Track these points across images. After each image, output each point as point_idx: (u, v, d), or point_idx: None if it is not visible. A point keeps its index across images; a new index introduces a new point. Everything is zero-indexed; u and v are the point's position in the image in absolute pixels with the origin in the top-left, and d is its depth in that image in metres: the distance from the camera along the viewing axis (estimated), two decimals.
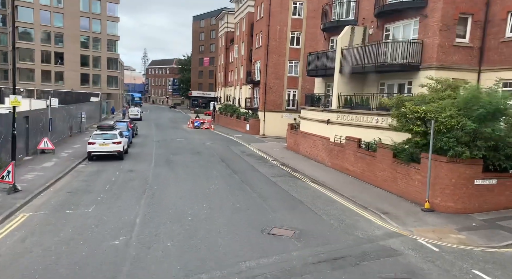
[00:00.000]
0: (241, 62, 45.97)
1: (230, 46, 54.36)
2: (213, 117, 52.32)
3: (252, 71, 39.17)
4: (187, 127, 44.64)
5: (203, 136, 34.49)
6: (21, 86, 53.88)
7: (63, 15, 58.90)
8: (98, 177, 16.18)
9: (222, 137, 35.29)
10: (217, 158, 22.42)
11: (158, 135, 34.36)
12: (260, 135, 36.38)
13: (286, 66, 36.56)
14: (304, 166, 20.56)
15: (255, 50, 39.36)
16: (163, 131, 38.68)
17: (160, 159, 21.16)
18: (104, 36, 63.32)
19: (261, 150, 26.51)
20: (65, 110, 26.42)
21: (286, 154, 24.80)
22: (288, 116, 37.04)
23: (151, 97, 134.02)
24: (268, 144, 30.04)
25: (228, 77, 55.96)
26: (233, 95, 50.50)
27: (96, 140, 19.56)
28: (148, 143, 28.51)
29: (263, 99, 36.50)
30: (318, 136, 21.65)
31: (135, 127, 32.68)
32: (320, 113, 21.53)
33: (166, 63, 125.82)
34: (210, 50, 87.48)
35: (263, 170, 19.28)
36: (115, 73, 66.53)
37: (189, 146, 27.51)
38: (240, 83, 46.35)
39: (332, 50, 20.99)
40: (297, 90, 37.14)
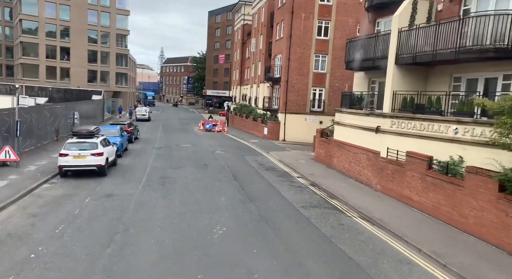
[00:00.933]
0: (258, 57, 40.97)
1: (247, 40, 49.42)
2: (227, 119, 47.53)
3: (272, 67, 34.12)
4: (198, 129, 39.96)
5: (214, 142, 29.64)
6: (25, 82, 50.44)
7: (70, 8, 55.22)
8: (57, 207, 11.43)
9: (235, 143, 30.35)
10: (228, 174, 17.46)
11: (162, 140, 29.70)
12: (280, 141, 31.28)
13: (311, 60, 31.33)
14: (344, 188, 15.37)
15: (275, 42, 34.28)
16: (170, 134, 34.04)
17: (154, 176, 16.35)
18: (113, 31, 59.42)
19: (283, 161, 21.43)
20: (48, 110, 22.00)
21: (315, 168, 19.64)
22: (313, 119, 31.85)
23: (165, 96, 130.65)
24: (290, 153, 24.90)
25: (244, 75, 51.07)
26: (249, 94, 45.56)
27: (70, 150, 14.89)
28: (147, 150, 23.83)
29: (284, 99, 31.40)
30: (361, 149, 16.42)
31: (135, 130, 28.12)
32: (364, 118, 16.29)
33: (181, 61, 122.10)
34: (226, 46, 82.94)
35: (289, 195, 14.20)
36: (125, 70, 62.60)
37: (196, 155, 22.67)
38: (257, 81, 41.36)
39: (384, 33, 15.69)
40: (324, 88, 31.86)
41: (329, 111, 31.84)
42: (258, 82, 41.00)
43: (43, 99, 29.94)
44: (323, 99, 31.89)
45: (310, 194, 14.73)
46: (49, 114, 21.91)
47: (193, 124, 45.32)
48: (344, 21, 30.90)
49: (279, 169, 19.55)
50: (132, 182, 14.99)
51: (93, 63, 58.54)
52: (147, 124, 43.68)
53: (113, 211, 11.19)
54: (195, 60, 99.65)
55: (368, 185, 15.73)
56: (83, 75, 57.53)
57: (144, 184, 14.81)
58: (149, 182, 15.21)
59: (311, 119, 31.88)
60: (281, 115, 31.90)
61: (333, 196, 14.33)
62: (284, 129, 31.73)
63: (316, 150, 21.96)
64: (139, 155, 21.81)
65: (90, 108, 35.18)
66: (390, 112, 14.67)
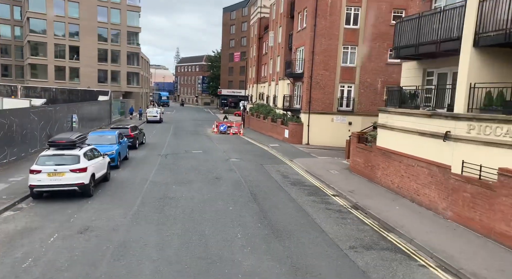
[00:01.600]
0: (277, 52, 37.27)
1: (264, 34, 45.78)
2: (242, 120, 44.05)
3: (293, 62, 30.37)
4: (212, 132, 36.62)
5: (229, 146, 26.15)
6: (33, 83, 48.37)
7: (79, 5, 52.88)
8: (2, 256, 8.07)
9: (253, 147, 26.76)
10: (245, 192, 13.88)
11: (170, 145, 26.40)
12: (303, 145, 27.51)
13: (339, 53, 27.42)
14: (399, 214, 11.55)
15: (297, 34, 30.51)
16: (180, 138, 30.76)
17: (153, 196, 12.92)
18: (124, 28, 56.85)
19: (311, 172, 17.71)
20: (37, 113, 18.94)
21: (353, 182, 15.85)
22: (341, 120, 27.95)
23: (180, 96, 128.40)
24: (318, 160, 21.13)
25: (261, 72, 47.45)
26: (267, 93, 41.90)
27: (44, 165, 11.62)
28: (151, 158, 20.51)
29: (308, 98, 27.61)
30: (419, 160, 12.55)
31: (140, 135, 24.93)
32: (424, 120, 12.41)
33: (196, 60, 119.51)
34: (241, 44, 79.55)
35: (328, 226, 10.50)
36: (136, 69, 59.98)
37: (207, 164, 19.19)
38: (276, 78, 37.67)
39: (451, 7, 11.72)
40: (354, 85, 27.89)
41: (359, 111, 27.93)
42: (276, 79, 37.31)
43: (40, 101, 27.14)
44: (352, 97, 27.93)
45: (356, 223, 10.97)
46: (38, 118, 18.85)
47: (207, 126, 42.04)
48: (377, 7, 26.86)
49: (308, 183, 15.84)
50: (122, 206, 11.58)
51: (104, 63, 56.12)
52: (158, 126, 40.65)
53: (81, 261, 7.75)
54: (210, 59, 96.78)
55: (431, 209, 11.85)
56: (93, 75, 55.18)
57: (136, 209, 11.38)
58: (144, 206, 11.77)
59: (338, 120, 27.99)
60: (304, 116, 28.13)
61: (389, 227, 10.53)
62: (307, 131, 27.94)
63: (352, 158, 18.11)
64: (140, 165, 18.49)
65: (95, 110, 32.31)
66: (466, 112, 10.75)
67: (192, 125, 43.48)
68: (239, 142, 30.01)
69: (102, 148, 16.68)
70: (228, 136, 33.92)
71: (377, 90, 27.97)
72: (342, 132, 27.73)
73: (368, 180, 16.04)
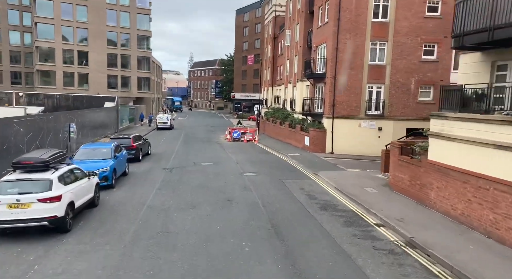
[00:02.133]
0: (294, 52, 34.36)
1: (280, 34, 42.97)
2: (257, 125, 41.23)
3: (313, 61, 27.37)
4: (224, 139, 33.92)
5: (243, 156, 23.31)
6: (41, 90, 46.86)
7: (87, 8, 51.29)
8: None
9: (270, 157, 23.82)
10: (263, 221, 10.95)
11: (179, 155, 23.74)
12: (327, 154, 24.43)
13: (366, 50, 24.30)
14: (479, 258, 8.41)
15: (317, 30, 27.54)
16: (190, 147, 28.09)
17: (147, 229, 10.14)
18: (134, 32, 55.00)
19: (342, 189, 14.66)
20: (24, 124, 16.50)
21: (398, 204, 12.73)
22: (369, 125, 24.77)
23: (194, 101, 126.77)
24: (348, 174, 18.03)
25: (276, 74, 44.60)
26: (284, 96, 38.99)
27: (4, 194, 8.99)
28: (154, 173, 17.82)
29: (331, 100, 24.55)
30: (497, 182, 9.38)
31: (144, 145, 22.36)
32: (503, 128, 9.24)
33: (209, 64, 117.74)
34: (254, 46, 77.00)
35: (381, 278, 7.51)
36: (147, 74, 58.02)
37: (217, 180, 16.35)
38: (293, 80, 34.73)
39: None
40: (383, 85, 24.69)
41: (390, 115, 24.70)
42: (294, 81, 34.35)
43: (37, 109, 24.95)
44: (382, 99, 24.71)
45: (420, 274, 7.88)
46: (24, 129, 16.42)
47: (219, 133, 39.38)
48: None
49: (341, 207, 12.79)
50: (105, 248, 8.82)
51: (113, 68, 54.33)
52: (167, 133, 38.22)
53: None
54: (223, 63, 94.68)
55: None
56: (103, 81, 53.42)
57: (122, 252, 8.58)
58: (133, 246, 8.97)
59: (366, 125, 24.80)
60: (327, 121, 25.06)
61: None
62: (331, 138, 24.85)
63: (392, 172, 14.96)
64: (140, 182, 15.80)
65: (100, 118, 30.03)
66: None
67: (204, 132, 40.90)
68: (254, 150, 27.14)
69: (94, 164, 14.16)
70: (242, 144, 31.11)
71: (410, 91, 24.68)
72: (371, 139, 24.58)
73: (417, 202, 12.88)
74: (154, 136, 35.81)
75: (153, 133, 38.92)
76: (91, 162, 14.51)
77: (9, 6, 54.95)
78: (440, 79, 24.49)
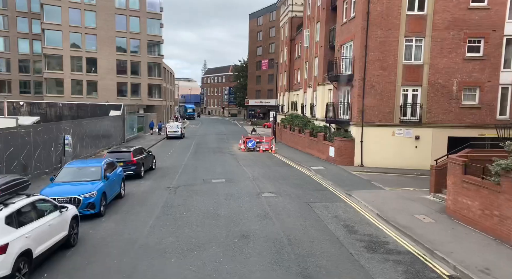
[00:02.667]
0: (314, 53, 31.38)
1: (297, 35, 40.14)
2: (273, 133, 38.27)
3: (337, 62, 24.33)
4: (238, 148, 31.14)
5: (260, 171, 20.34)
6: (49, 99, 45.21)
7: (96, 14, 49.65)
8: None
9: (290, 171, 20.75)
10: (293, 274, 7.92)
11: (187, 169, 20.95)
12: (356, 167, 21.26)
13: (400, 47, 21.16)
14: None
15: (342, 27, 24.52)
16: (200, 159, 25.31)
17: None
18: (144, 37, 53.09)
19: (388, 219, 11.49)
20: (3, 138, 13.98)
21: (470, 241, 9.51)
22: (404, 134, 21.53)
23: (207, 108, 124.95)
24: (388, 195, 14.80)
25: (293, 78, 41.69)
26: (302, 101, 35.96)
27: None
28: (155, 195, 15.00)
29: (359, 106, 21.43)
30: None
31: (148, 158, 19.65)
32: None
33: (222, 70, 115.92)
34: (269, 50, 74.45)
35: None
36: (158, 80, 55.94)
37: (229, 204, 13.38)
38: (313, 84, 31.70)
39: None
40: (421, 87, 21.44)
41: (429, 121, 21.42)
42: (314, 85, 31.33)
43: (30, 119, 22.67)
44: (419, 103, 21.45)
45: None
46: (2, 144, 13.90)
47: (233, 141, 36.61)
48: None
49: (393, 245, 9.63)
50: None
51: (123, 75, 52.43)
52: (177, 143, 35.66)
53: None
54: (236, 68, 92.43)
55: None
56: (112, 89, 51.53)
57: None
58: None
59: (401, 133, 21.54)
60: (355, 129, 21.91)
61: None
62: (360, 149, 21.66)
63: (453, 196, 11.69)
64: (136, 208, 12.97)
65: (104, 127, 27.63)
66: None
67: (216, 141, 38.16)
68: (271, 162, 24.15)
69: (78, 188, 11.48)
70: (258, 154, 28.18)
71: (452, 94, 21.36)
72: (406, 150, 21.35)
73: (496, 239, 9.63)
74: (163, 146, 33.30)
75: (163, 143, 36.44)
76: (75, 184, 11.81)
77: (18, 13, 53.88)
78: (487, 80, 21.17)
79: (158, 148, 31.61)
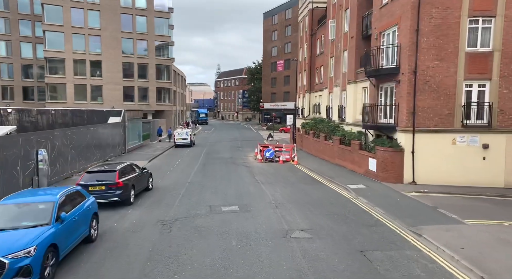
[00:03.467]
0: (342, 46, 26.80)
1: (319, 28, 35.63)
2: (293, 139, 33.76)
3: (375, 53, 19.68)
4: (254, 158, 26.90)
5: (283, 192, 15.83)
6: (50, 105, 42.00)
7: (100, 13, 46.33)
8: None
9: (323, 191, 16.13)
10: None
11: (191, 190, 16.63)
12: (408, 185, 16.54)
13: (462, 31, 16.42)
14: None
15: (381, 10, 19.87)
16: (210, 173, 21.03)
17: None
18: (152, 38, 49.49)
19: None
20: None
21: None
22: (469, 142, 16.75)
23: (220, 112, 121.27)
24: (480, 237, 10.02)
25: (315, 77, 37.16)
26: (327, 103, 31.34)
27: None
28: (140, 236, 10.67)
29: (409, 106, 16.75)
30: None
31: (140, 179, 15.40)
32: None
33: (235, 73, 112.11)
34: (285, 50, 70.13)
35: None
36: (167, 84, 52.24)
37: (245, 254, 8.93)
38: (341, 82, 27.10)
39: None
40: (490, 81, 16.62)
41: (501, 125, 16.57)
42: (343, 83, 26.72)
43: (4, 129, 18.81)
44: (488, 102, 16.63)
45: None
46: None
47: (248, 149, 32.34)
48: None
49: None
50: None
51: (129, 79, 48.90)
52: (186, 152, 31.59)
53: None
54: (250, 71, 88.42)
55: None
56: (118, 94, 48.02)
57: None
58: None
59: (464, 141, 16.75)
60: (403, 136, 17.21)
61: None
62: (412, 161, 16.94)
63: None
64: (105, 265, 8.65)
65: (99, 136, 23.73)
66: None
67: (229, 149, 33.91)
68: (295, 177, 19.66)
69: (8, 240, 7.25)
70: (277, 166, 23.77)
71: None
72: (472, 161, 16.60)
73: None
74: (169, 156, 29.24)
75: (169, 152, 32.44)
76: (5, 233, 7.62)
77: (20, 16, 51.21)
78: None
79: (163, 159, 27.55)
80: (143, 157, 27.54)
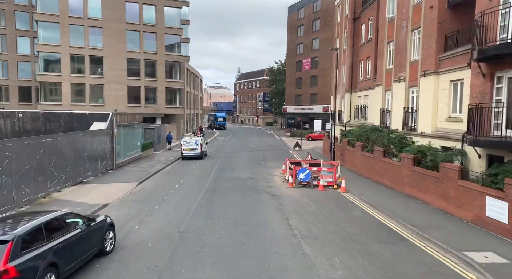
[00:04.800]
0: (410, 23, 18.91)
1: (366, 8, 27.87)
2: (331, 153, 25.97)
3: (490, 20, 11.78)
4: (282, 180, 19.47)
5: (346, 267, 8.18)
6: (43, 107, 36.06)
7: (102, 2, 40.18)
8: None
9: (419, 262, 8.21)
10: None
11: (178, 256, 9.26)
12: None
13: None
14: None
15: None
16: (217, 210, 13.60)
17: None
18: (161, 30, 42.97)
19: None
20: None
21: None
22: None
23: (239, 116, 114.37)
24: None
25: (357, 73, 29.38)
26: (382, 105, 23.36)
27: None
28: None
29: None
30: None
31: (88, 237, 8.11)
32: None
33: (256, 75, 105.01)
34: (312, 47, 62.46)
35: None
36: (178, 84, 45.55)
37: None
38: (407, 76, 19.18)
39: None
40: None
41: None
42: (412, 76, 18.82)
43: None
44: None
45: None
46: None
47: (271, 163, 25.05)
48: None
49: None
50: None
51: (135, 77, 42.48)
52: (193, 167, 24.49)
53: None
54: (272, 72, 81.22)
55: None
56: (122, 94, 41.66)
57: None
58: None
59: None
60: None
61: None
62: None
63: None
64: None
65: (64, 150, 16.80)
66: None
67: (249, 163, 26.54)
68: (356, 226, 11.95)
69: None
70: (318, 195, 16.18)
71: None
72: None
73: None
74: (168, 174, 22.07)
75: (174, 166, 25.46)
76: None
77: (16, 7, 45.89)
78: None
79: (159, 180, 20.45)
80: (133, 176, 20.53)
